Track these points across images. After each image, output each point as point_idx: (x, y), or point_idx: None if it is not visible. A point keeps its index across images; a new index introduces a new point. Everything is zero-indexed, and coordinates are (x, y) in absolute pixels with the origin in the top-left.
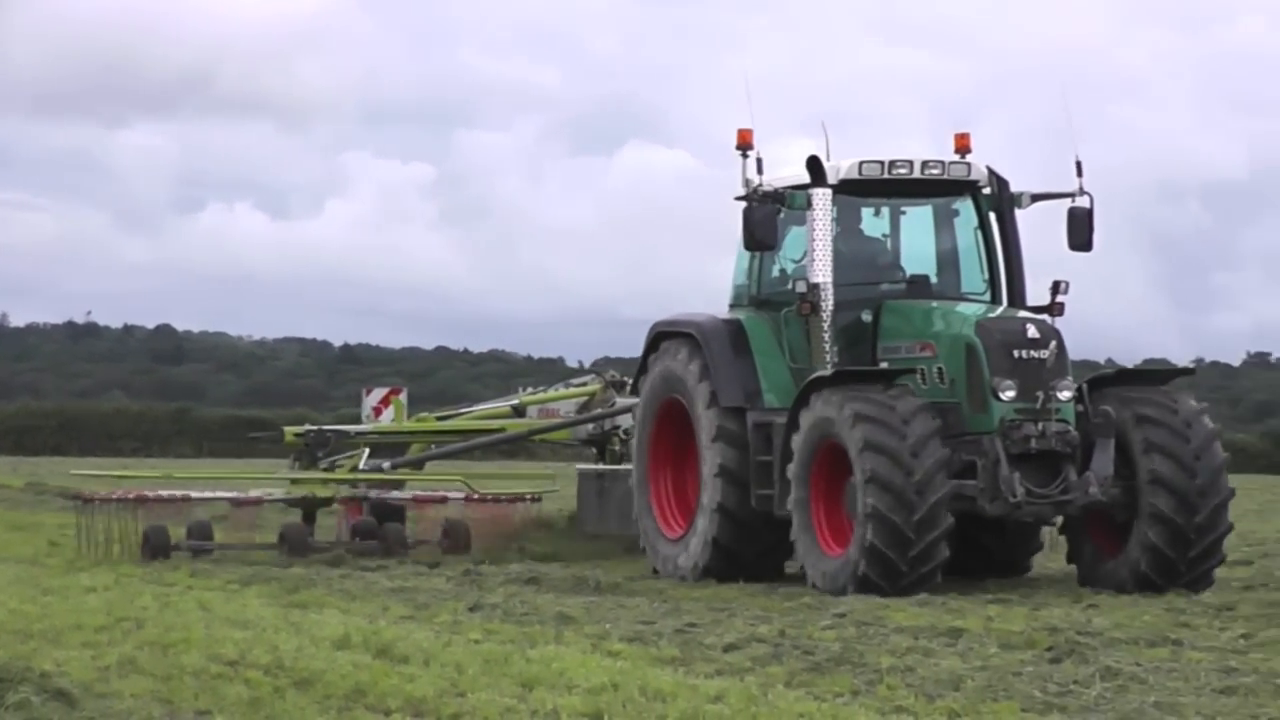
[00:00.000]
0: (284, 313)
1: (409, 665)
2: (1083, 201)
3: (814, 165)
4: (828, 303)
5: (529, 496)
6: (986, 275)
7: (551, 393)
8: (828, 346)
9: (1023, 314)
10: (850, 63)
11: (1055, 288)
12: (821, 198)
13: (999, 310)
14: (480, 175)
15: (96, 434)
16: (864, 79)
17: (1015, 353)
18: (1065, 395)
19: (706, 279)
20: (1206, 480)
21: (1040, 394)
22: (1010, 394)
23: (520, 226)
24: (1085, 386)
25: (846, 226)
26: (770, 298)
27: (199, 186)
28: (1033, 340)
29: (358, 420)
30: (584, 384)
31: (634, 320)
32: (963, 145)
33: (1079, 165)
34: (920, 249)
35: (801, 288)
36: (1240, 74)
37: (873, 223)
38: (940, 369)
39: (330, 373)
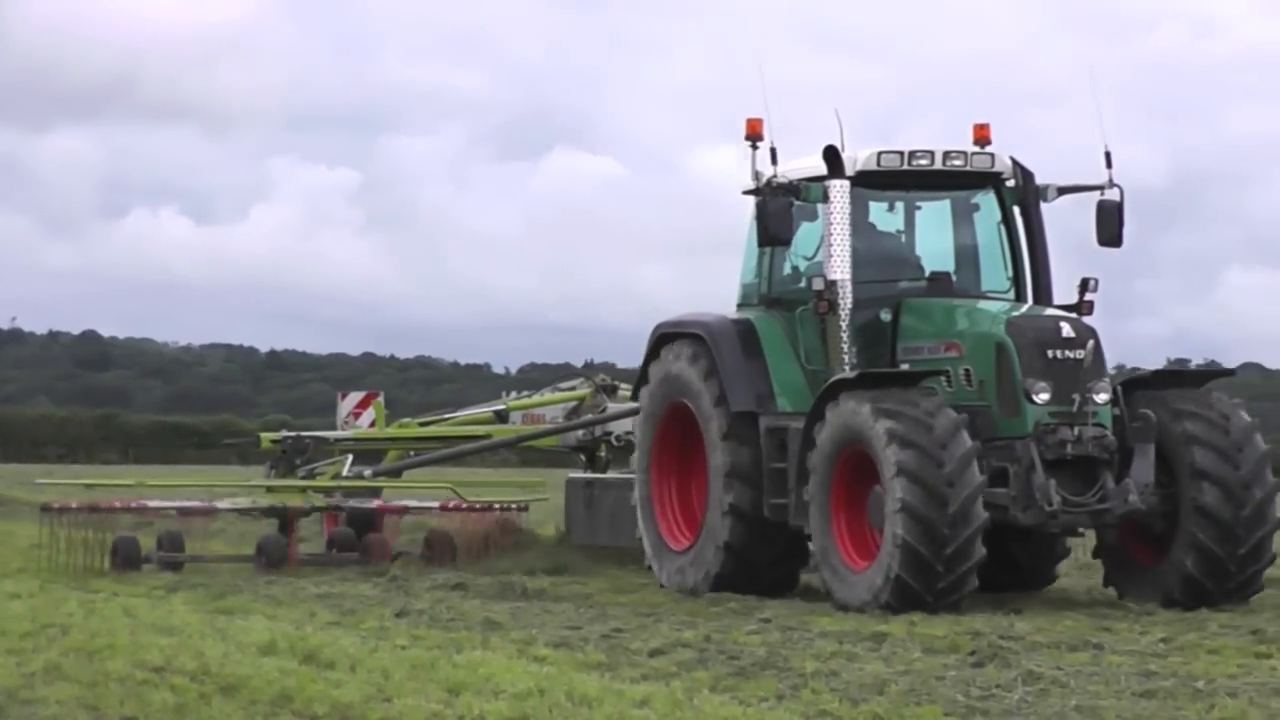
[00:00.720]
0: (209, 318)
1: (335, 671)
2: (1112, 194)
3: (831, 155)
4: (846, 301)
5: (516, 506)
6: (1010, 272)
7: (539, 397)
8: (846, 347)
9: (1054, 312)
10: (774, 70)
11: (1084, 285)
12: (839, 190)
13: (1029, 308)
14: (406, 181)
15: (21, 440)
16: (788, 86)
17: (1049, 353)
18: (1102, 398)
19: (632, 285)
20: (1254, 511)
21: (1076, 396)
22: (1044, 396)
23: (446, 232)
24: (1119, 388)
25: (860, 221)
26: (782, 296)
27: (123, 192)
28: (1067, 340)
29: (283, 426)
30: (572, 388)
31: (560, 326)
32: (982, 136)
33: (1108, 156)
34: (940, 245)
35: (819, 285)
36: (1160, 82)
37: (889, 217)
38: (967, 370)
39: (256, 378)
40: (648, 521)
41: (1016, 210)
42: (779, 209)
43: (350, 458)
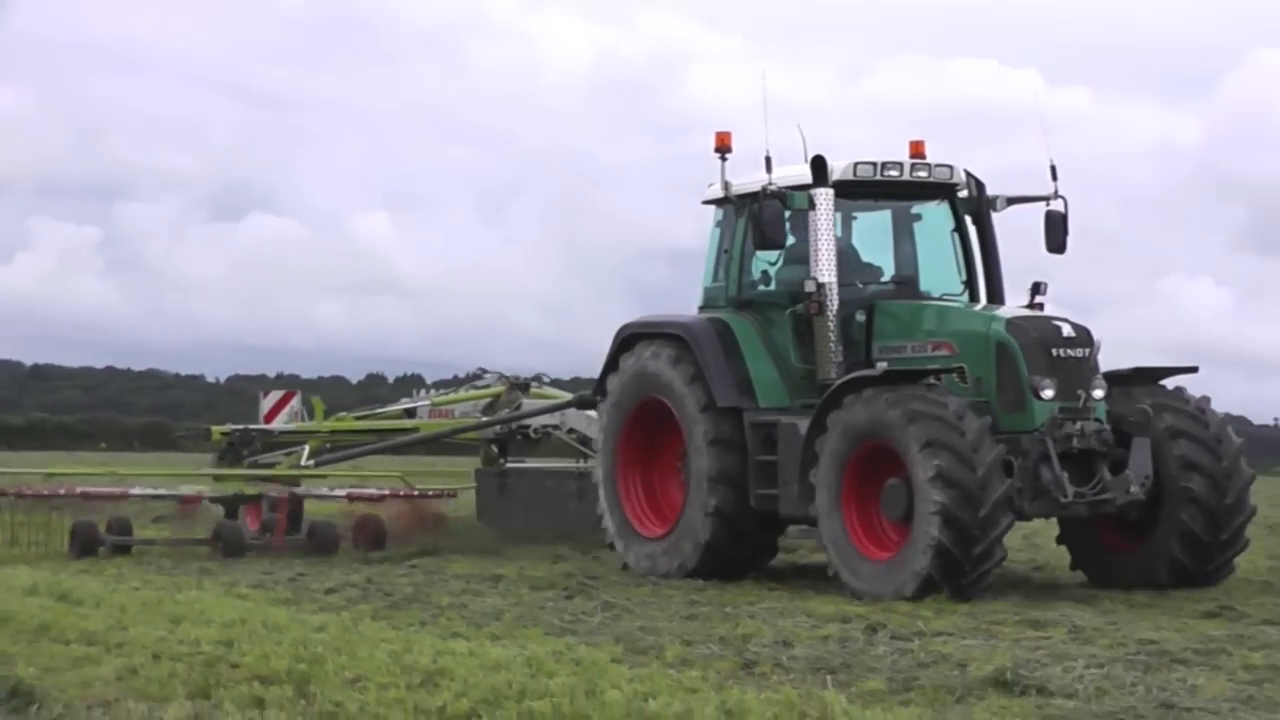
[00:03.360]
0: None
1: (84, 607)
2: (1057, 205)
3: (818, 165)
4: (833, 302)
5: (444, 492)
6: (964, 276)
7: (459, 394)
8: (833, 346)
9: (1047, 313)
10: (415, 157)
11: (1035, 288)
12: (824, 197)
13: (1022, 310)
14: (136, 237)
15: None
16: (421, 170)
17: (1053, 352)
18: (1099, 394)
19: (308, 315)
20: (1235, 500)
21: (1081, 393)
22: (1049, 393)
23: (168, 276)
24: None
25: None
26: (752, 299)
27: None
28: (1069, 339)
29: (41, 422)
30: (487, 386)
31: (256, 346)
32: (918, 152)
33: (1054, 170)
34: (905, 250)
35: (810, 287)
36: (695, 172)
37: (858, 224)
38: (961, 368)
39: (21, 386)
40: (613, 508)
41: (968, 218)
42: (773, 215)
43: (306, 449)
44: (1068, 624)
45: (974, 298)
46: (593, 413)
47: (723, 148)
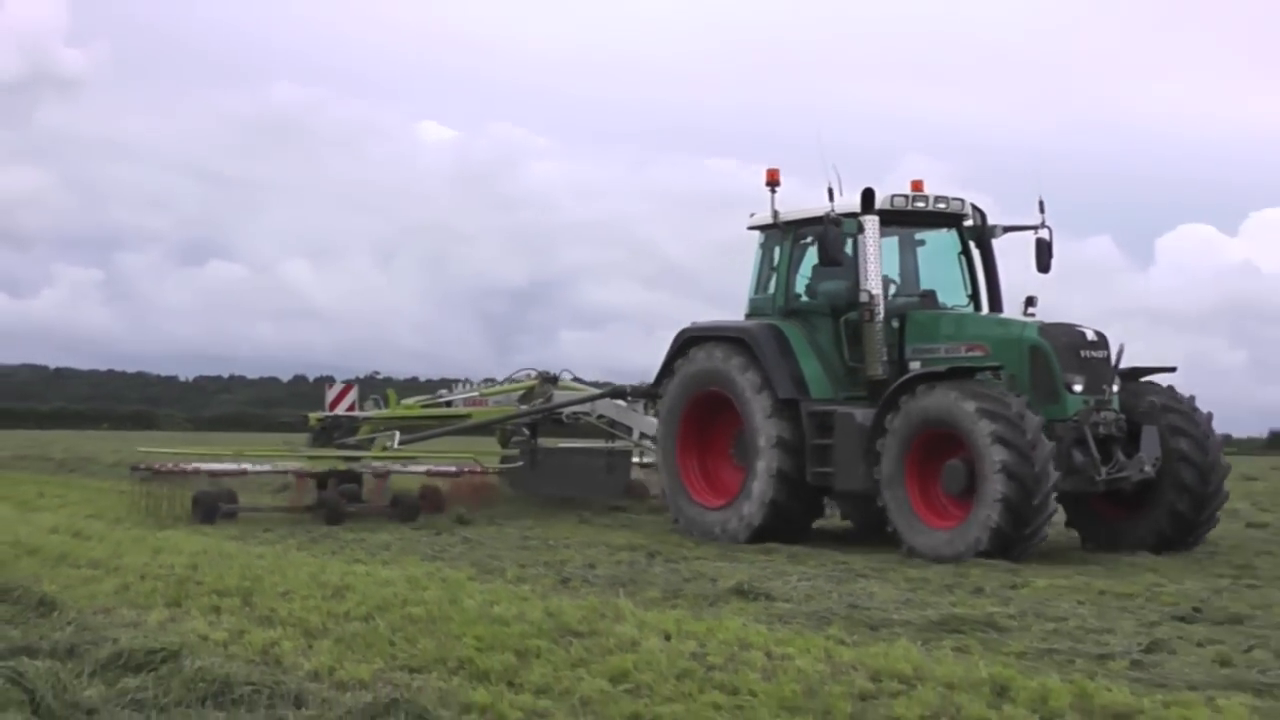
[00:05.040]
0: (18, 349)
1: (91, 541)
2: (1043, 233)
3: (867, 197)
4: (879, 310)
5: (480, 469)
6: (970, 290)
7: (500, 386)
8: (879, 347)
9: (1071, 321)
10: (328, 221)
11: (1028, 301)
12: (872, 223)
13: (1039, 319)
14: (128, 277)
15: None
16: (332, 231)
17: (1082, 353)
18: (1115, 388)
19: (256, 335)
20: (1215, 486)
21: (1105, 388)
22: (1079, 388)
23: (152, 304)
24: None
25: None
26: (798, 308)
27: None
28: (1092, 342)
29: (63, 410)
30: (521, 381)
31: (216, 355)
32: (917, 189)
33: (1041, 204)
34: (912, 268)
35: (864, 298)
36: (529, 234)
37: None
38: (999, 366)
39: (47, 383)
40: (673, 482)
41: (972, 243)
42: (835, 237)
43: (397, 433)
44: (787, 551)
45: (978, 309)
46: (620, 402)
47: (773, 182)
